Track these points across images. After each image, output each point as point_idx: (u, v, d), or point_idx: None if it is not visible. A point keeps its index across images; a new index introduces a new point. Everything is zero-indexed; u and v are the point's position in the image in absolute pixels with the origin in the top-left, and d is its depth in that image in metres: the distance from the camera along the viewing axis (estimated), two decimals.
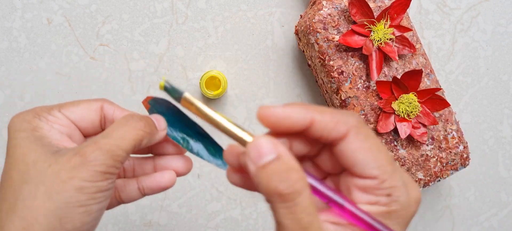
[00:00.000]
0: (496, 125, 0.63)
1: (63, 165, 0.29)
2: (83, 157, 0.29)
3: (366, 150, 0.26)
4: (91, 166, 0.29)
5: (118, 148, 0.30)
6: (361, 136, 0.26)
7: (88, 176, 0.29)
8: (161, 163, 0.36)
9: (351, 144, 0.26)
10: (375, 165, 0.26)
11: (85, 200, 0.29)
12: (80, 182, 0.29)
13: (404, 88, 0.52)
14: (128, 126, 0.31)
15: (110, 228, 0.63)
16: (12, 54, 0.61)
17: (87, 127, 0.34)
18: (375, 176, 0.26)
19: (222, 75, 0.58)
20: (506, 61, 0.63)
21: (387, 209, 0.26)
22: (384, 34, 0.51)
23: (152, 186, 0.36)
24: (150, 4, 0.61)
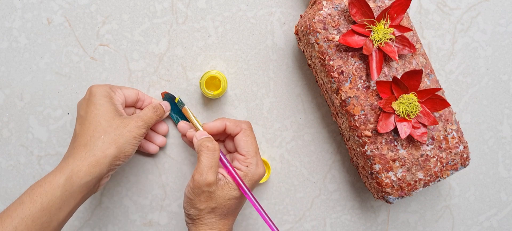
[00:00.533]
0: (496, 125, 0.63)
1: (127, 123, 0.53)
2: (137, 123, 0.54)
3: (245, 141, 0.55)
4: (140, 128, 0.54)
5: (150, 121, 0.56)
6: (245, 133, 0.55)
7: (139, 133, 0.54)
8: (150, 134, 0.61)
9: (240, 137, 0.55)
10: (246, 150, 0.54)
11: (135, 142, 0.54)
12: (135, 134, 0.53)
13: (404, 88, 0.52)
14: (154, 112, 0.57)
15: (110, 228, 0.63)
16: (12, 54, 0.61)
17: (129, 102, 0.58)
18: (243, 155, 0.54)
19: (222, 75, 0.58)
20: (506, 61, 0.63)
21: (244, 172, 0.53)
22: (384, 34, 0.51)
23: (144, 146, 0.61)
24: (150, 4, 0.61)
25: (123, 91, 0.57)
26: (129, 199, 0.62)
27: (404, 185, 0.54)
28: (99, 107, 0.53)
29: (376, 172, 0.54)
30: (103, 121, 0.52)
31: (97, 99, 0.53)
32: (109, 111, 0.53)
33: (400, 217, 0.64)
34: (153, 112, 0.57)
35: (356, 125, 0.54)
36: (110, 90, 0.55)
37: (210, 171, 0.51)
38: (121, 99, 0.56)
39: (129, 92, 0.58)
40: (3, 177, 0.62)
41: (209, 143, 0.52)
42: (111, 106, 0.53)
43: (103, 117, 0.52)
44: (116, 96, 0.56)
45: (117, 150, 0.51)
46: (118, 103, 0.55)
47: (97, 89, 0.54)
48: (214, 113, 0.62)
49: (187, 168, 0.62)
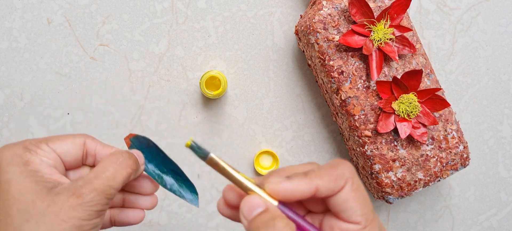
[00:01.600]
0: (496, 125, 0.63)
1: (61, 205, 0.31)
2: (80, 197, 0.31)
3: (356, 199, 0.30)
4: (88, 207, 0.31)
5: (110, 188, 0.33)
6: (354, 186, 0.30)
7: (86, 215, 0.31)
8: (131, 199, 0.39)
9: (346, 194, 0.30)
10: (361, 212, 0.30)
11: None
12: (79, 222, 0.31)
13: (404, 88, 0.52)
14: (119, 165, 0.34)
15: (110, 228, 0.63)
16: (12, 54, 0.61)
17: (70, 160, 0.36)
18: (359, 222, 0.30)
19: (222, 75, 0.58)
20: (506, 61, 0.63)
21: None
22: (384, 34, 0.51)
23: (122, 220, 0.39)
24: (150, 4, 0.61)
25: (55, 144, 0.35)
26: None
27: (404, 185, 0.54)
28: (8, 186, 0.31)
29: (376, 172, 0.54)
30: (16, 211, 0.31)
31: (4, 174, 0.32)
32: (26, 189, 0.31)
33: (400, 217, 0.64)
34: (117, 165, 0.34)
35: (356, 125, 0.54)
36: (25, 151, 0.33)
37: None
38: (50, 160, 0.34)
39: (66, 145, 0.35)
40: None
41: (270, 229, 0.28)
42: (29, 179, 0.32)
43: (16, 204, 0.31)
44: (38, 157, 0.33)
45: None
46: (43, 167, 0.33)
47: (4, 155, 0.33)
48: (214, 114, 0.62)
49: (187, 168, 0.62)
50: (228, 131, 0.62)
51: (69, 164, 0.36)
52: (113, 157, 0.34)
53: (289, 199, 0.30)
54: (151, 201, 0.40)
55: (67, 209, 0.31)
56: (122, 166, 0.34)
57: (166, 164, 0.39)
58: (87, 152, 0.37)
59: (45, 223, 0.30)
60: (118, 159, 0.34)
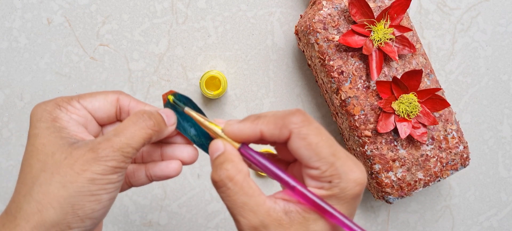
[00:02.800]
0: (496, 125, 0.63)
1: (77, 158, 0.32)
2: (95, 153, 0.32)
3: (307, 147, 0.31)
4: (102, 162, 0.32)
5: (128, 146, 0.33)
6: (301, 135, 0.32)
7: (99, 170, 0.31)
8: (168, 152, 0.38)
9: (294, 143, 0.32)
10: (316, 158, 0.31)
11: (96, 190, 0.32)
12: (92, 175, 0.31)
13: (404, 88, 0.52)
14: (138, 125, 0.34)
15: (110, 228, 0.63)
16: (12, 54, 0.61)
17: (103, 117, 0.36)
18: (317, 167, 0.32)
19: (222, 75, 0.58)
20: (506, 61, 0.63)
21: (329, 193, 0.32)
22: (384, 34, 0.51)
23: (159, 173, 0.38)
24: (150, 4, 0.61)
25: (86, 101, 0.36)
26: (129, 199, 0.62)
27: (404, 185, 0.54)
28: (34, 140, 0.33)
29: (376, 172, 0.54)
30: (36, 161, 0.32)
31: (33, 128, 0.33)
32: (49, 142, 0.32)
33: (400, 217, 0.64)
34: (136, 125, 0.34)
35: (356, 125, 0.54)
36: (55, 108, 0.34)
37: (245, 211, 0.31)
38: (80, 117, 0.35)
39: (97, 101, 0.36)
40: (3, 177, 0.62)
41: (215, 174, 0.32)
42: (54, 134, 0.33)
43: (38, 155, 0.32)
44: (68, 114, 0.34)
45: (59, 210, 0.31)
46: (71, 124, 0.34)
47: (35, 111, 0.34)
48: (214, 114, 0.62)
49: (187, 168, 0.62)
50: None
51: (102, 120, 0.37)
52: (134, 116, 0.34)
53: (237, 139, 0.34)
54: (188, 152, 0.38)
55: (81, 162, 0.31)
56: (142, 125, 0.34)
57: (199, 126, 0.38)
58: (121, 108, 0.37)
59: (59, 173, 0.31)
60: (138, 119, 0.34)
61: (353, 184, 0.31)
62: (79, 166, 0.31)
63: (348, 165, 0.31)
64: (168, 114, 0.36)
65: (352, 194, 0.31)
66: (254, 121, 0.33)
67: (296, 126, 0.32)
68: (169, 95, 0.38)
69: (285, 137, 0.32)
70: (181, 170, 0.38)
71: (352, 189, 0.31)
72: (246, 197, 0.31)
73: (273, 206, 0.32)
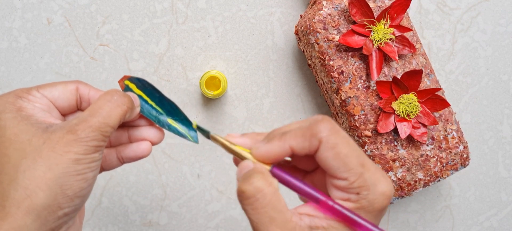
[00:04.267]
0: (496, 125, 0.63)
1: (57, 141, 0.32)
2: (75, 134, 0.32)
3: (336, 157, 0.31)
4: (84, 142, 0.32)
5: (106, 125, 0.33)
6: (330, 144, 0.31)
7: (82, 150, 0.32)
8: (135, 134, 0.39)
9: (323, 153, 0.31)
10: (345, 169, 0.31)
11: (82, 169, 0.32)
12: (76, 155, 0.31)
13: (404, 88, 0.52)
14: (113, 103, 0.34)
15: (110, 228, 0.63)
16: (12, 54, 0.61)
17: (63, 106, 0.36)
18: (345, 178, 0.31)
19: (222, 75, 0.58)
20: (506, 61, 0.63)
21: (357, 205, 0.31)
22: (384, 34, 0.51)
23: (130, 155, 0.39)
24: (150, 4, 0.61)
25: (46, 91, 0.35)
26: (129, 199, 0.62)
27: (404, 185, 0.54)
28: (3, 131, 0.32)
29: None
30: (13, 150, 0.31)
31: None
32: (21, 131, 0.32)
33: (400, 217, 0.64)
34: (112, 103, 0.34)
35: (356, 125, 0.54)
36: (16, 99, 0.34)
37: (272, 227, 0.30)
38: (43, 105, 0.35)
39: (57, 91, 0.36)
40: None
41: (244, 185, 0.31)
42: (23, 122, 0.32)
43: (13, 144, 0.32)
44: (31, 103, 0.34)
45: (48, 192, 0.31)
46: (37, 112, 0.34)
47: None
48: (214, 113, 0.62)
49: (187, 168, 0.62)
50: (228, 131, 0.62)
51: (63, 110, 0.36)
52: (107, 95, 0.34)
53: (269, 160, 0.33)
54: (155, 133, 0.39)
55: (62, 144, 0.31)
56: (117, 103, 0.34)
57: (163, 104, 0.39)
58: (81, 97, 0.37)
59: (41, 157, 0.31)
60: (113, 97, 0.34)
61: (382, 196, 0.31)
62: (61, 148, 0.31)
63: (377, 176, 0.31)
64: (133, 96, 0.37)
65: (380, 206, 0.31)
66: (282, 138, 0.32)
67: (325, 135, 0.31)
68: (125, 81, 0.38)
69: (315, 147, 0.31)
70: (151, 150, 0.39)
71: (381, 201, 0.31)
72: (274, 212, 0.30)
73: (299, 223, 0.31)
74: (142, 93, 0.39)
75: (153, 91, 0.39)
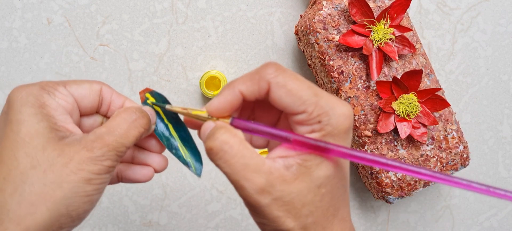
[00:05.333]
0: (496, 125, 0.63)
1: (72, 156, 0.30)
2: (90, 151, 0.30)
3: (288, 93, 0.31)
4: (98, 161, 0.30)
5: (122, 145, 0.32)
6: (280, 83, 0.31)
7: (96, 169, 0.30)
8: (141, 156, 0.38)
9: (275, 93, 0.31)
10: (300, 102, 0.31)
11: (91, 190, 0.31)
12: (88, 175, 0.30)
13: (404, 88, 0.52)
14: (132, 123, 0.33)
15: (110, 228, 0.63)
16: (12, 54, 0.61)
17: (86, 106, 0.35)
18: (302, 111, 0.31)
19: (222, 75, 0.58)
20: (506, 61, 0.63)
21: (322, 133, 0.31)
22: (384, 34, 0.51)
23: (130, 176, 0.37)
24: (150, 4, 0.61)
25: (73, 88, 0.34)
26: (129, 199, 0.62)
27: (404, 185, 0.54)
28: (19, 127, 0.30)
29: (376, 172, 0.54)
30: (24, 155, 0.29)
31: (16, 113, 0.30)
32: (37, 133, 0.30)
33: (400, 217, 0.64)
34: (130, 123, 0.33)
35: (356, 125, 0.54)
36: (42, 92, 0.31)
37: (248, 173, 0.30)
38: (68, 103, 0.33)
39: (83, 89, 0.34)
40: None
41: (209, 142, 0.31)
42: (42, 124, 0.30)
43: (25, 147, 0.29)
44: (56, 100, 0.32)
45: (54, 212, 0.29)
46: (58, 113, 0.32)
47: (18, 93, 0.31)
48: None
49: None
50: None
51: (84, 110, 0.35)
52: (126, 113, 0.33)
53: (225, 112, 0.33)
54: (160, 161, 0.38)
55: (77, 161, 0.30)
56: (135, 124, 0.33)
57: (177, 127, 0.38)
58: (103, 99, 0.35)
59: (53, 171, 0.29)
60: (132, 117, 0.33)
61: (343, 117, 0.31)
62: (75, 165, 0.30)
63: (333, 101, 0.31)
64: (151, 113, 0.36)
65: (344, 128, 0.31)
66: (230, 86, 0.32)
67: (272, 76, 0.31)
68: (146, 93, 0.37)
69: (264, 89, 0.32)
70: (152, 177, 0.38)
71: (343, 123, 0.31)
72: (246, 159, 0.30)
73: (273, 165, 0.31)
74: (160, 110, 0.37)
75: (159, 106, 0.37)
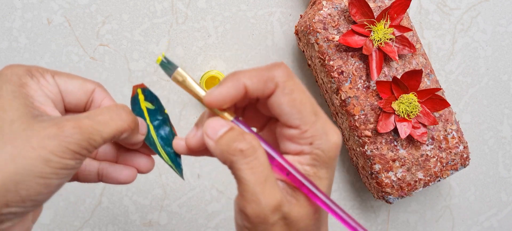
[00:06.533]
0: (496, 125, 0.63)
1: (38, 131, 0.28)
2: (59, 129, 0.28)
3: (290, 103, 0.29)
4: (64, 141, 0.28)
5: (97, 133, 0.30)
6: (286, 90, 0.30)
7: (58, 150, 0.28)
8: (125, 156, 0.36)
9: (278, 98, 0.30)
10: (298, 116, 0.29)
11: (48, 173, 0.28)
12: (48, 154, 0.28)
13: (404, 88, 0.52)
14: (115, 114, 0.31)
15: (110, 228, 0.63)
16: (12, 54, 0.61)
17: (71, 102, 0.33)
18: (297, 126, 0.30)
19: (222, 75, 0.58)
20: (506, 61, 0.63)
21: (310, 157, 0.30)
22: (384, 34, 0.51)
23: (111, 176, 0.35)
24: (150, 4, 0.61)
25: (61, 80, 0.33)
26: (129, 199, 0.62)
27: (404, 185, 0.54)
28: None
29: (376, 172, 0.54)
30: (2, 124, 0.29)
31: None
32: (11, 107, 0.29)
33: (400, 217, 0.64)
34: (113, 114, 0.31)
35: (356, 125, 0.54)
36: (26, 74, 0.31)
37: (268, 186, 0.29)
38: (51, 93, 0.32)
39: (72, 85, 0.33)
40: None
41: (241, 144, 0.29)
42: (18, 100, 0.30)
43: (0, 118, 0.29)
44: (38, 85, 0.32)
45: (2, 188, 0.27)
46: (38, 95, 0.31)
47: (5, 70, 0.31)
48: None
49: (187, 168, 0.62)
50: None
51: (69, 106, 0.33)
52: (114, 106, 0.31)
53: (223, 104, 0.30)
54: (146, 163, 0.36)
55: (41, 137, 0.28)
56: (120, 117, 0.31)
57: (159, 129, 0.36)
58: (93, 100, 0.34)
59: (12, 144, 0.28)
60: (118, 109, 0.31)
61: (334, 146, 0.30)
62: (37, 141, 0.28)
63: (329, 127, 0.30)
64: (142, 124, 0.34)
65: (333, 155, 0.30)
66: (235, 77, 0.30)
67: (282, 80, 0.30)
68: (138, 89, 0.35)
69: (270, 91, 0.30)
70: (135, 178, 0.36)
71: (334, 151, 0.30)
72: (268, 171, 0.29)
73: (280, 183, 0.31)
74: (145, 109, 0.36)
75: (161, 112, 0.36)
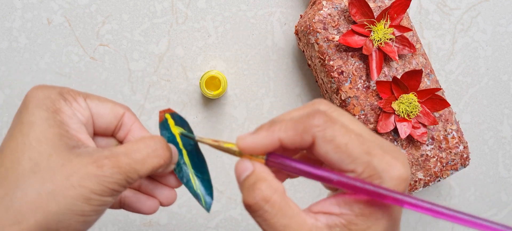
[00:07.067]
0: (496, 125, 0.63)
1: (77, 169, 0.27)
2: (99, 168, 0.28)
3: (336, 150, 0.27)
4: (104, 181, 0.28)
5: (135, 171, 0.29)
6: (327, 138, 0.27)
7: (98, 189, 0.28)
8: (148, 186, 0.35)
9: (321, 148, 0.27)
10: (349, 160, 0.27)
11: (88, 211, 0.28)
12: (89, 193, 0.27)
13: (404, 88, 0.52)
14: (153, 151, 0.30)
15: (110, 228, 0.63)
16: (12, 54, 0.61)
17: (102, 126, 0.33)
18: (352, 170, 0.27)
19: (222, 75, 0.58)
20: (506, 61, 0.63)
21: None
22: (384, 34, 0.51)
23: (133, 205, 0.35)
24: (150, 4, 0.61)
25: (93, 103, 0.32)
26: None
27: None
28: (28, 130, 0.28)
29: None
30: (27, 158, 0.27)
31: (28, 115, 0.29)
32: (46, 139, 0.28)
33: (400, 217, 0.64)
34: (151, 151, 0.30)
35: None
36: (59, 98, 0.30)
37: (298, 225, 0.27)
38: (83, 116, 0.31)
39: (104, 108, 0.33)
40: None
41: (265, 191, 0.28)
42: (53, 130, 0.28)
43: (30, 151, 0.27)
44: (71, 109, 0.30)
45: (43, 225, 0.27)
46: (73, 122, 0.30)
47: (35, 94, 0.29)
48: (214, 113, 0.62)
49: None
50: (228, 131, 0.62)
51: (100, 130, 0.33)
52: (150, 140, 0.30)
53: (257, 153, 0.29)
54: (168, 195, 0.35)
55: (80, 175, 0.27)
56: (156, 153, 0.30)
57: (193, 155, 0.35)
58: (122, 124, 0.33)
59: (52, 181, 0.27)
60: (155, 145, 0.30)
61: (398, 181, 0.27)
62: (77, 180, 0.27)
63: (387, 160, 0.27)
64: (175, 152, 0.33)
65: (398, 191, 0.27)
66: (270, 128, 0.28)
67: (319, 129, 0.27)
68: (167, 114, 0.35)
69: (308, 143, 0.27)
70: (157, 210, 0.35)
71: (397, 187, 0.27)
72: (286, 219, 0.27)
73: (315, 224, 0.27)
74: (177, 134, 0.35)
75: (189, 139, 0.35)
